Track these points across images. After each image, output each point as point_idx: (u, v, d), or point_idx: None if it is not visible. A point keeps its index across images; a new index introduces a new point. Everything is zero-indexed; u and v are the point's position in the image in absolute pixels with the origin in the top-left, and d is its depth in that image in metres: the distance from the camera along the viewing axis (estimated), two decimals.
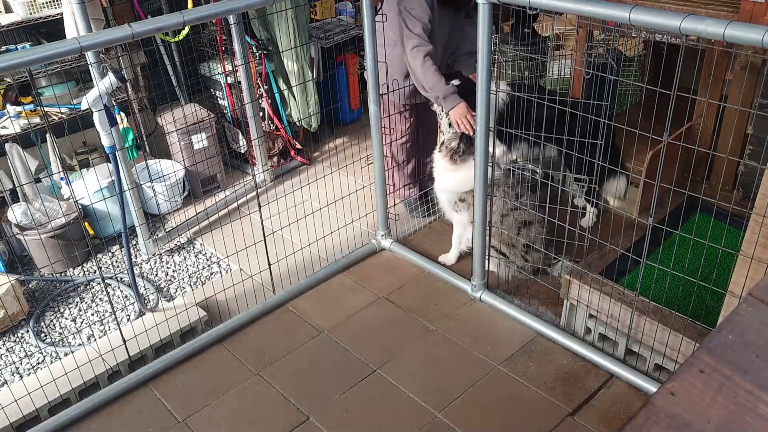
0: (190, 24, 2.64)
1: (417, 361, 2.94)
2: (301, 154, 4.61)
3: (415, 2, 3.25)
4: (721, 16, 3.08)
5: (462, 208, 3.35)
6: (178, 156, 4.08)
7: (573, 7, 2.35)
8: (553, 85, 4.21)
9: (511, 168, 3.33)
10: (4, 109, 3.59)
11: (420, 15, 3.25)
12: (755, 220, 2.17)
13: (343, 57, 4.67)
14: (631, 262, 2.95)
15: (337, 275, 3.51)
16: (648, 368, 2.74)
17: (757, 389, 0.91)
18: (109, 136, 2.98)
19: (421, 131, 3.84)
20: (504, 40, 4.11)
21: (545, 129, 2.95)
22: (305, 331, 3.14)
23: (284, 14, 3.99)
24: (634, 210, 3.45)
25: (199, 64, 4.35)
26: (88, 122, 3.10)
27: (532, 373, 2.84)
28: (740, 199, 3.34)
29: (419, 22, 3.25)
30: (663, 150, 2.38)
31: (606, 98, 2.68)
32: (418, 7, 3.24)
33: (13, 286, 3.22)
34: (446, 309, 3.24)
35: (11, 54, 2.27)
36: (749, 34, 1.93)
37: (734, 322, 1.02)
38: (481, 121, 2.82)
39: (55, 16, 3.62)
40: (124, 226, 3.04)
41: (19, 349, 3.13)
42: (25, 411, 2.66)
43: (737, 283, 2.29)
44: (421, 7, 3.24)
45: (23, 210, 3.55)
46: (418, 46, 3.27)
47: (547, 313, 3.12)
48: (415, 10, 3.25)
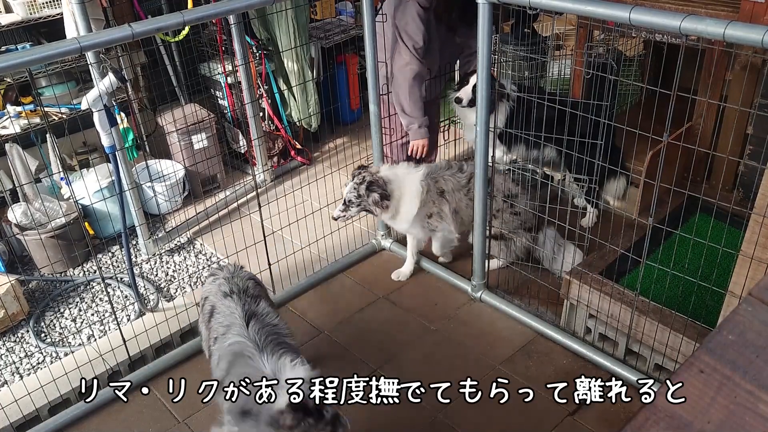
0: (190, 24, 2.65)
1: (417, 361, 2.94)
2: (301, 154, 4.61)
3: (409, 17, 3.24)
4: (721, 16, 3.08)
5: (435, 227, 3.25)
6: (178, 156, 4.07)
7: (573, 7, 2.35)
8: (553, 85, 4.21)
9: (511, 168, 3.33)
10: (4, 109, 3.59)
11: (414, 31, 3.24)
12: (755, 220, 2.17)
13: (343, 57, 4.67)
14: (631, 262, 2.95)
15: (337, 275, 3.51)
16: (648, 368, 2.74)
17: (757, 389, 0.91)
18: (109, 136, 2.97)
19: None
20: (504, 40, 4.10)
21: (545, 129, 2.95)
22: (305, 330, 3.14)
23: (284, 14, 3.99)
24: (634, 210, 3.45)
25: (199, 64, 4.35)
26: (88, 122, 3.09)
27: (532, 373, 2.84)
28: (740, 199, 3.34)
29: (411, 39, 3.25)
30: (663, 150, 2.38)
31: (606, 98, 2.68)
32: (412, 23, 3.24)
33: (13, 286, 3.22)
34: (446, 309, 3.24)
35: (11, 54, 2.28)
36: (749, 34, 1.93)
37: (734, 322, 1.02)
38: (481, 121, 2.82)
39: (55, 16, 3.62)
40: (124, 226, 3.04)
41: (19, 349, 3.13)
42: (25, 411, 2.66)
43: (737, 283, 2.29)
44: (414, 23, 3.23)
45: (23, 210, 3.55)
46: (409, 64, 3.29)
47: (547, 313, 3.12)
48: (410, 26, 3.24)
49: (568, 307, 2.97)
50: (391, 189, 3.09)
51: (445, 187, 3.16)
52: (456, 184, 3.17)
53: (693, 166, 3.07)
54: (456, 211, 3.20)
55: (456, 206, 3.19)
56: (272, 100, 4.41)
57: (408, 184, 3.13)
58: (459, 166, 3.23)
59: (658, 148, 2.85)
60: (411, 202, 3.13)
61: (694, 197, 2.89)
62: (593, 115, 2.85)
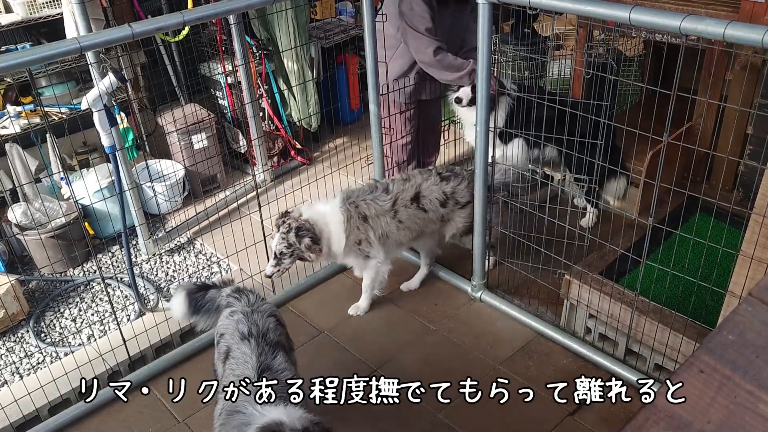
0: (190, 24, 2.65)
1: (417, 361, 2.94)
2: (301, 154, 4.61)
3: (414, 3, 3.24)
4: (721, 16, 3.08)
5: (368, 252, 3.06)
6: (178, 156, 4.07)
7: (573, 7, 2.35)
8: (553, 85, 4.21)
9: (511, 168, 3.33)
10: (4, 109, 3.59)
11: (422, 13, 3.24)
12: (755, 220, 2.17)
13: (343, 57, 4.67)
14: (631, 262, 2.95)
15: (337, 275, 3.51)
16: (648, 368, 2.74)
17: (757, 389, 0.91)
18: (109, 136, 2.98)
19: (423, 132, 3.84)
20: (504, 40, 4.10)
21: (545, 129, 2.95)
22: (305, 331, 3.14)
23: (284, 14, 3.99)
24: (634, 210, 3.45)
25: (199, 64, 4.35)
26: (88, 122, 3.09)
27: (532, 373, 2.84)
28: (740, 199, 3.34)
29: (423, 20, 3.24)
30: (663, 150, 2.38)
31: (606, 98, 2.68)
32: (418, 7, 3.24)
33: (13, 286, 3.22)
34: (446, 309, 3.24)
35: (11, 54, 2.28)
36: (749, 34, 1.93)
37: (734, 322, 1.02)
38: (481, 121, 2.82)
39: (55, 16, 3.62)
40: (124, 226, 3.04)
41: (19, 349, 3.13)
42: (25, 411, 2.67)
43: (737, 283, 2.29)
44: (420, 7, 3.24)
45: (23, 210, 3.55)
46: (428, 46, 3.26)
47: (547, 313, 3.12)
48: (415, 9, 3.24)
49: (568, 307, 2.97)
50: (318, 230, 2.93)
51: (367, 212, 2.99)
52: (379, 208, 2.99)
53: (693, 166, 3.07)
54: (386, 235, 3.04)
55: (384, 231, 3.02)
56: (272, 100, 4.41)
57: (330, 217, 2.97)
58: (384, 187, 3.05)
59: (658, 148, 2.85)
60: (338, 234, 2.98)
61: (694, 197, 2.89)
62: (593, 115, 2.85)
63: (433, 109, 3.85)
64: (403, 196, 3.03)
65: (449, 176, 3.13)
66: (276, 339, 2.19)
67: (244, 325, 2.18)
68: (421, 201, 3.05)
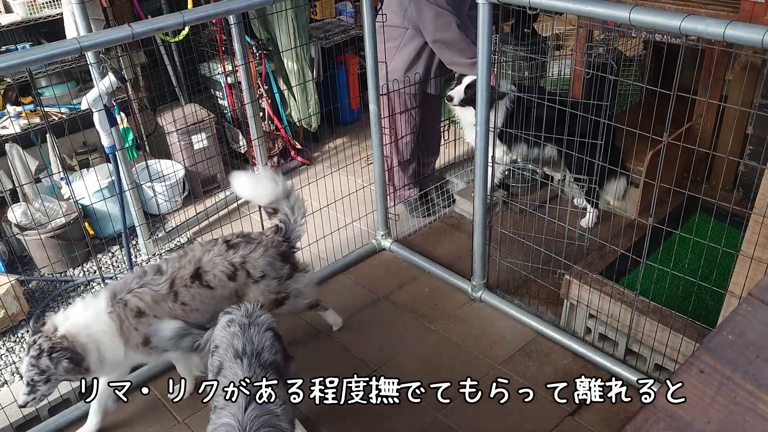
0: (190, 24, 2.65)
1: (417, 361, 2.94)
2: (301, 154, 4.61)
3: None
4: (721, 16, 3.08)
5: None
6: (178, 156, 4.07)
7: (573, 7, 2.35)
8: (553, 85, 4.21)
9: (511, 168, 3.33)
10: (4, 109, 3.59)
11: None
12: (755, 220, 2.17)
13: (343, 57, 4.67)
14: (631, 262, 2.95)
15: (337, 275, 3.51)
16: (648, 368, 2.74)
17: (757, 389, 0.91)
18: (109, 136, 2.98)
19: (424, 131, 3.84)
20: (504, 40, 4.10)
21: (545, 129, 2.95)
22: (305, 330, 3.14)
23: (284, 14, 3.99)
24: (634, 210, 3.45)
25: (199, 64, 4.35)
26: (88, 122, 3.10)
27: (532, 373, 2.84)
28: (740, 199, 3.34)
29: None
30: (663, 150, 2.38)
31: (606, 98, 2.68)
32: None
33: (13, 286, 3.22)
34: (446, 309, 3.24)
35: (11, 54, 2.28)
36: (749, 34, 1.93)
37: (734, 322, 1.02)
38: (481, 121, 2.82)
39: (55, 16, 3.62)
40: (124, 226, 3.04)
41: (19, 349, 3.13)
42: (25, 411, 2.66)
43: (737, 283, 2.29)
44: None
45: (23, 210, 3.55)
46: (453, 21, 3.22)
47: (547, 313, 3.12)
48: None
49: (568, 307, 2.97)
50: (81, 344, 2.36)
51: (140, 304, 2.45)
52: (155, 294, 2.48)
53: (693, 166, 3.08)
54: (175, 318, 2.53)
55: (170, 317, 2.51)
56: (272, 100, 4.41)
57: (95, 326, 2.42)
58: (156, 269, 2.54)
59: (658, 148, 2.86)
60: (111, 344, 2.44)
61: (694, 197, 2.89)
62: (593, 115, 2.85)
63: (434, 108, 3.85)
64: (180, 274, 2.52)
65: (239, 243, 2.62)
66: (270, 359, 2.11)
67: (239, 341, 2.09)
68: (204, 277, 2.53)
